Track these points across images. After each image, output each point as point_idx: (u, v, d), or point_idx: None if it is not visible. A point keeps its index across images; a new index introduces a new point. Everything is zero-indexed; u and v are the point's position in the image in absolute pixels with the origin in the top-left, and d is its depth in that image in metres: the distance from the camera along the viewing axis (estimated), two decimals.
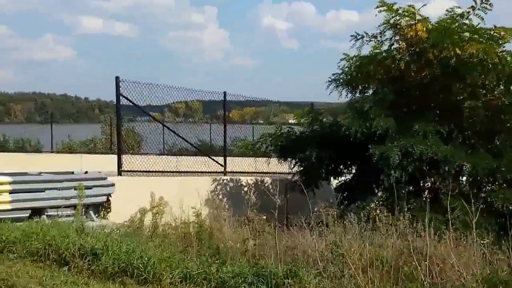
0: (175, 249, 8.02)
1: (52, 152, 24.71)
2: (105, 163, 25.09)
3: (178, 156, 29.19)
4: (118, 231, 9.39)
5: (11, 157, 21.96)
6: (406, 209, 8.39)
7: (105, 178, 10.50)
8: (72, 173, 10.67)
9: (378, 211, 7.78)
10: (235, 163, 14.74)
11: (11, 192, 9.05)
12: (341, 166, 12.14)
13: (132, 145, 32.58)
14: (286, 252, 8.23)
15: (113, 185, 10.53)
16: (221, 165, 13.84)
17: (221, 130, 17.36)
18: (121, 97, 11.66)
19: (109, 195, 10.53)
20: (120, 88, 11.66)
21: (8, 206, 9.02)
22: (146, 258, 6.50)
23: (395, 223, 7.21)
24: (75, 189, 9.88)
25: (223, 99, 14.38)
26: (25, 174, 10.11)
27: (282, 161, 12.90)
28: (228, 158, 14.25)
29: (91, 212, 10.22)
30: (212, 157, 13.57)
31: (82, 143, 28.25)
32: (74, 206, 9.97)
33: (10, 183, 9.04)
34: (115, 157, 27.21)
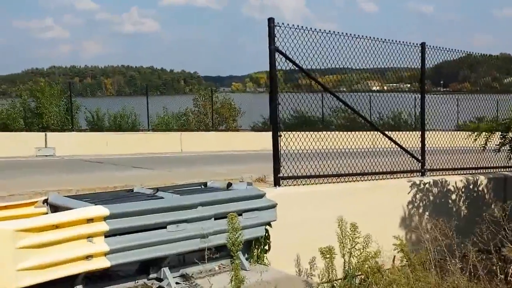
0: None
1: (148, 130, 20.80)
2: (206, 143, 20.99)
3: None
4: None
5: (107, 138, 18.11)
6: None
7: (262, 195, 5.78)
8: (205, 185, 6.06)
9: None
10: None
11: (108, 235, 4.59)
12: None
13: (226, 118, 28.45)
14: None
15: (273, 206, 5.82)
16: (418, 159, 8.63)
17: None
18: (277, 54, 6.61)
19: (268, 224, 5.84)
20: (276, 40, 6.61)
21: (106, 262, 4.55)
22: None
23: None
24: (215, 219, 5.35)
25: (420, 53, 8.92)
26: (131, 193, 5.58)
27: None
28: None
29: (240, 254, 5.61)
30: (402, 146, 8.21)
31: (174, 116, 24.48)
32: (213, 249, 5.47)
33: (106, 218, 4.58)
34: (215, 134, 23.24)
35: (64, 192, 9.15)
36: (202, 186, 6.12)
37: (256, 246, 5.91)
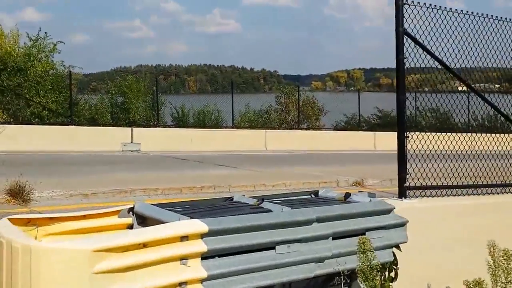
0: None
1: (232, 127, 20.05)
2: (291, 142, 19.74)
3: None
4: None
5: (192, 134, 17.52)
6: None
7: (389, 211, 4.55)
8: (316, 195, 4.94)
9: None
10: None
11: (206, 256, 3.59)
12: None
13: (309, 116, 27.24)
14: None
15: (403, 224, 4.58)
16: None
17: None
18: (405, 38, 5.26)
19: (397, 246, 4.59)
20: (405, 18, 5.22)
21: None
22: None
23: None
24: (333, 239, 4.20)
25: None
26: (230, 202, 4.54)
27: None
28: None
29: (360, 284, 4.40)
30: None
31: (256, 114, 23.95)
32: (326, 276, 4.30)
33: (203, 235, 3.58)
34: (302, 133, 21.98)
35: (149, 191, 8.42)
36: (313, 196, 4.97)
37: (380, 273, 4.67)
